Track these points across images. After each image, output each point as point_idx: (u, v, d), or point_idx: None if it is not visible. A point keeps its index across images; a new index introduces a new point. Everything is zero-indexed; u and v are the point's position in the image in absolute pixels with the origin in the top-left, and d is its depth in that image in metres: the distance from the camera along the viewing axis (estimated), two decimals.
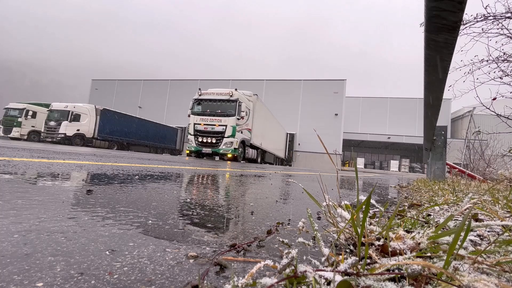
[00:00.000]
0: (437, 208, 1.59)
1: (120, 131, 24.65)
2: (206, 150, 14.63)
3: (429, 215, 1.36)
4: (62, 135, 20.85)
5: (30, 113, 24.90)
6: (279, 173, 6.83)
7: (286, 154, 31.22)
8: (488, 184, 4.66)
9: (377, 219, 1.07)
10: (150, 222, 1.08)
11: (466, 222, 0.59)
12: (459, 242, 0.58)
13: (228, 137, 14.38)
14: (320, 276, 0.55)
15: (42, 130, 22.10)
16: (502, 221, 1.00)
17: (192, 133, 14.99)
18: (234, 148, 14.42)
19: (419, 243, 0.72)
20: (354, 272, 0.57)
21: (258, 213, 1.47)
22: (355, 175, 0.97)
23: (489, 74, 5.00)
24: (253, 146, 17.38)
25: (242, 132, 15.40)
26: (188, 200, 1.68)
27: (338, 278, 0.52)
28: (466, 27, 4.83)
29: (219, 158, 14.97)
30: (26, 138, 24.25)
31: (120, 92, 43.44)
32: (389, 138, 40.44)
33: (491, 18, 4.76)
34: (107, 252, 0.73)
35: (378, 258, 0.70)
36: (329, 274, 0.55)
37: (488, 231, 1.04)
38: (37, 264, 0.62)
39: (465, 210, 1.11)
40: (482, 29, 4.83)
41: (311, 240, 0.98)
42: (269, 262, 0.62)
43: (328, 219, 1.01)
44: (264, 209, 1.61)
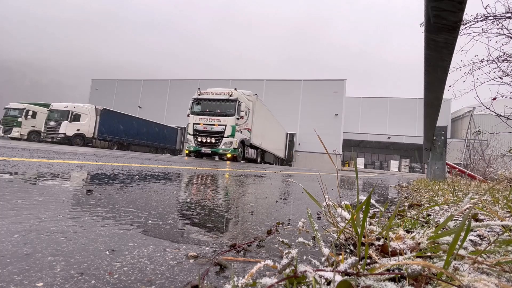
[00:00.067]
0: (437, 208, 1.59)
1: (120, 131, 24.65)
2: (206, 150, 14.59)
3: (429, 215, 1.36)
4: (62, 135, 20.87)
5: (30, 113, 24.92)
6: (279, 173, 6.83)
7: (286, 154, 31.22)
8: (488, 184, 4.66)
9: (377, 219, 1.07)
10: (150, 222, 1.08)
11: (466, 222, 0.59)
12: (459, 242, 0.58)
13: (227, 137, 14.34)
14: (320, 276, 0.55)
15: (42, 130, 22.11)
16: (502, 221, 1.00)
17: (191, 133, 14.94)
18: (234, 148, 14.39)
19: (419, 243, 0.72)
20: (354, 272, 0.57)
21: (258, 213, 1.47)
22: (355, 175, 0.97)
23: (489, 74, 5.00)
24: (252, 146, 17.35)
25: (241, 132, 15.37)
26: (188, 200, 1.68)
27: (338, 278, 0.53)
28: (466, 27, 4.83)
29: (219, 158, 14.93)
30: (26, 138, 24.25)
31: (120, 92, 43.46)
32: (389, 138, 40.46)
33: (491, 18, 4.76)
34: (107, 252, 0.73)
35: (378, 258, 0.70)
36: (329, 274, 0.55)
37: (488, 231, 1.04)
38: (37, 264, 0.62)
39: (465, 210, 1.11)
40: (482, 29, 4.83)
41: (311, 240, 0.98)
42: (269, 262, 0.62)
43: (328, 219, 1.01)
44: (264, 209, 1.61)
